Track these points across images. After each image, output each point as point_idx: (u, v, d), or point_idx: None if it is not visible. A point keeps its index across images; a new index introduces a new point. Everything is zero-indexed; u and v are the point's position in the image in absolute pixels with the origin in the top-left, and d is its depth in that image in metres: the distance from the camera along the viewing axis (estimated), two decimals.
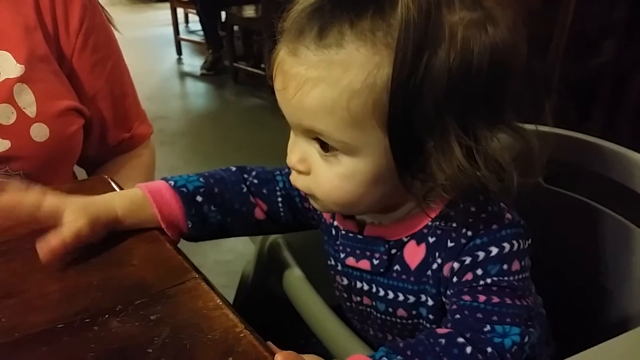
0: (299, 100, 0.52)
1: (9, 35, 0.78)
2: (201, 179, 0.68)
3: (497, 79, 0.51)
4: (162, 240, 0.62)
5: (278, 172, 0.73)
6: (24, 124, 0.78)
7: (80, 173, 0.99)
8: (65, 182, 0.89)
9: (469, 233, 0.56)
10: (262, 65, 3.53)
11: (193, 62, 4.14)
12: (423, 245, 0.59)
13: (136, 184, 0.90)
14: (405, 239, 0.60)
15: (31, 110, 0.78)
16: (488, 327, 0.52)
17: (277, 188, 0.71)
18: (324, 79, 0.50)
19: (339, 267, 0.67)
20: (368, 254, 0.62)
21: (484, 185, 0.51)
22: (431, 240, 0.59)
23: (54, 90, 0.82)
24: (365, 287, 0.64)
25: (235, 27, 3.85)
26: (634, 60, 2.18)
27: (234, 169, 0.72)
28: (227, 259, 1.94)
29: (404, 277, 0.61)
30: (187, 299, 0.52)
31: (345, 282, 0.67)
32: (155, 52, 4.50)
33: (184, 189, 0.66)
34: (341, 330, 0.64)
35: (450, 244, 0.57)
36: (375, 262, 0.62)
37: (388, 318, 0.64)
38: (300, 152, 0.56)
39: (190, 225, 0.65)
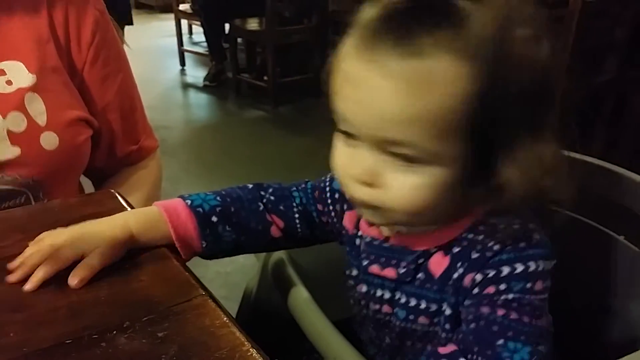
0: (382, 112, 0.51)
1: (22, 46, 0.80)
2: (218, 198, 0.68)
3: (552, 92, 0.54)
4: (170, 257, 0.62)
5: (295, 189, 0.73)
6: (34, 131, 0.79)
7: (87, 184, 0.99)
8: (72, 192, 0.90)
9: (496, 247, 0.56)
10: (265, 78, 3.54)
11: (196, 74, 4.15)
12: (448, 256, 0.60)
13: (142, 195, 0.91)
14: (433, 250, 0.61)
15: (42, 119, 0.80)
16: (501, 342, 0.53)
17: (294, 204, 0.72)
18: (408, 89, 0.50)
19: (360, 276, 0.67)
20: (394, 262, 0.63)
21: (542, 196, 0.54)
22: (455, 250, 0.59)
23: (64, 100, 0.84)
24: (387, 295, 0.64)
25: (239, 39, 3.87)
26: (636, 78, 2.20)
27: (250, 186, 0.73)
28: (227, 271, 1.94)
29: (427, 285, 0.61)
30: (194, 317, 0.53)
31: (365, 289, 0.67)
32: (159, 63, 4.52)
33: (200, 209, 0.66)
34: (348, 351, 0.64)
35: (474, 255, 0.57)
36: (402, 270, 0.62)
37: (408, 326, 0.64)
38: (365, 163, 0.55)
39: (204, 245, 0.66)
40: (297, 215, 0.71)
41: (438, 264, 0.61)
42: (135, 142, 0.95)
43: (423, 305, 0.62)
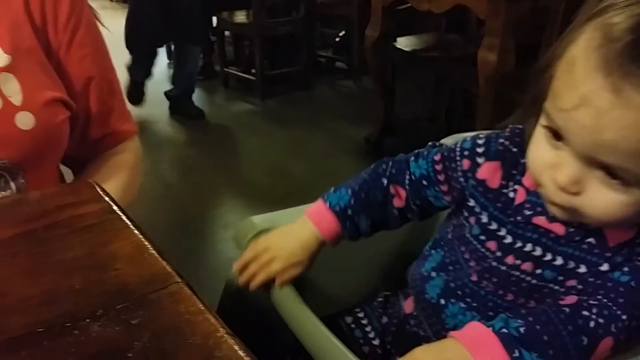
0: (615, 142, 0.50)
1: None
2: (349, 192, 0.75)
3: None
4: (146, 245, 0.62)
5: (413, 158, 0.75)
6: (9, 111, 0.78)
7: (69, 174, 0.99)
8: (52, 177, 0.89)
9: None
10: (253, 71, 3.53)
11: None
12: (633, 228, 0.58)
13: (118, 183, 0.91)
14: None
15: (17, 99, 0.79)
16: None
17: (408, 173, 0.74)
18: None
19: (508, 225, 0.65)
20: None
21: None
22: None
23: (40, 81, 0.83)
24: (538, 252, 0.62)
25: (227, 32, 3.85)
26: None
27: (372, 166, 0.77)
28: (216, 264, 1.93)
29: (596, 251, 0.60)
30: (169, 304, 0.52)
31: (509, 240, 0.64)
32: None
33: (337, 207, 0.75)
34: (333, 345, 0.63)
35: None
36: (572, 229, 0.60)
37: (551, 286, 0.62)
38: (575, 173, 0.54)
39: (347, 234, 0.75)
40: (408, 185, 0.74)
41: (617, 232, 0.59)
42: (111, 126, 0.95)
43: (581, 270, 0.60)
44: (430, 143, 0.78)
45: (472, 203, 0.69)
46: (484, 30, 2.03)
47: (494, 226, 0.67)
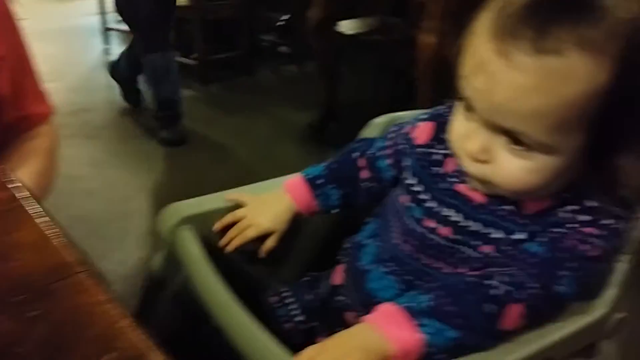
0: (508, 105, 0.52)
1: None
2: (324, 164, 0.81)
3: None
4: (52, 234, 0.58)
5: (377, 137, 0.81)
6: None
7: None
8: None
9: (611, 202, 0.58)
10: (192, 56, 3.44)
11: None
12: (548, 199, 0.60)
13: (33, 168, 0.86)
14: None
15: None
16: (566, 272, 0.56)
17: (372, 147, 0.80)
18: (541, 88, 0.50)
19: (434, 190, 0.67)
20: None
21: None
22: (564, 195, 0.59)
23: None
24: (457, 218, 0.64)
25: None
26: None
27: (348, 147, 0.82)
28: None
29: (511, 217, 0.61)
30: (70, 294, 0.49)
31: (430, 204, 0.67)
32: (82, 43, 4.32)
33: (311, 176, 0.80)
34: (256, 331, 0.61)
35: (588, 204, 0.58)
36: (491, 198, 0.62)
37: (468, 250, 0.63)
38: (482, 141, 0.57)
39: (318, 203, 0.79)
40: (367, 157, 0.79)
41: (533, 202, 0.61)
42: (25, 109, 0.89)
43: (499, 235, 0.62)
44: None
45: (405, 163, 0.73)
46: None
47: (419, 188, 0.69)
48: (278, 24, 3.99)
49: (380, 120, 0.92)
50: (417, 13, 2.72)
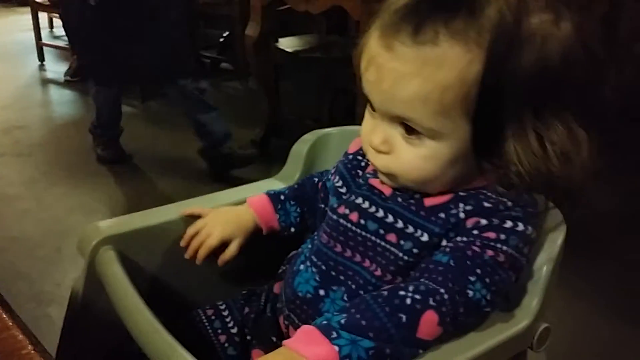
0: (394, 92, 0.58)
1: None
2: (287, 185, 0.86)
3: (569, 72, 0.58)
4: None
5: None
6: None
7: None
8: None
9: (509, 204, 0.62)
10: None
11: (57, 69, 3.87)
12: (449, 195, 0.64)
13: None
14: (434, 192, 0.65)
15: None
16: (473, 278, 0.58)
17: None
18: (419, 74, 0.56)
19: (351, 184, 0.73)
20: (394, 185, 0.67)
21: (549, 172, 0.58)
22: (462, 194, 0.64)
23: None
24: (365, 205, 0.69)
25: None
26: None
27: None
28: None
29: (413, 208, 0.65)
30: None
31: (346, 195, 0.72)
32: (16, 59, 4.18)
33: (272, 192, 0.83)
34: (172, 347, 0.59)
35: (486, 204, 0.62)
36: (398, 192, 0.67)
37: (373, 238, 0.67)
38: (383, 134, 0.62)
39: (279, 218, 0.81)
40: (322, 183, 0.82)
41: (433, 199, 0.65)
42: None
43: (399, 225, 0.65)
44: None
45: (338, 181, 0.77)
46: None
47: (340, 185, 0.75)
48: (220, 40, 3.97)
49: (309, 137, 0.92)
50: (355, 30, 2.76)
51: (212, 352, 0.77)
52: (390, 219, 0.66)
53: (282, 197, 0.82)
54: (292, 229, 0.83)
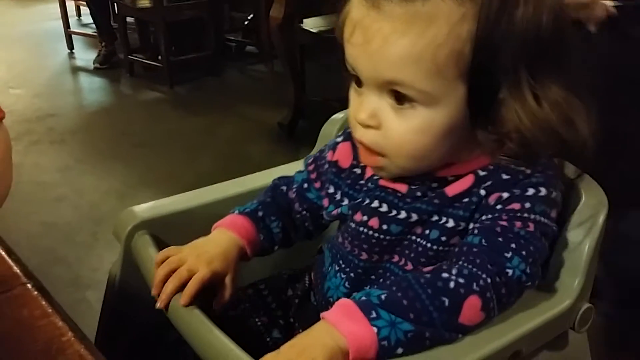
0: (383, 53, 0.54)
1: None
2: (255, 200, 0.75)
3: (559, 35, 0.56)
4: None
5: (298, 170, 0.79)
6: None
7: None
8: None
9: (528, 171, 0.60)
10: (159, 57, 3.39)
11: (86, 57, 3.91)
12: (470, 178, 0.61)
13: None
14: (450, 178, 0.62)
15: None
16: (509, 254, 0.56)
17: (295, 182, 0.77)
18: (411, 31, 0.53)
19: (351, 191, 0.69)
20: (408, 180, 0.64)
21: (552, 131, 0.56)
22: (481, 173, 0.61)
23: None
24: (383, 209, 0.65)
25: (130, 19, 3.69)
26: None
27: (271, 184, 0.78)
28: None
29: (436, 201, 0.62)
30: (11, 309, 0.47)
31: (359, 200, 0.68)
32: (46, 48, 4.24)
33: (248, 210, 0.73)
34: (214, 336, 0.59)
35: (505, 177, 0.60)
36: (414, 187, 0.63)
37: (398, 238, 0.64)
38: (370, 107, 0.58)
39: (262, 238, 0.72)
40: (295, 192, 0.76)
41: (455, 187, 0.62)
42: None
43: (424, 218, 0.62)
44: None
45: (330, 190, 0.72)
46: None
47: (345, 201, 0.70)
48: (244, 23, 3.96)
49: (339, 117, 0.91)
50: None
51: (255, 333, 0.75)
52: (414, 217, 0.63)
53: (260, 214, 0.72)
54: (276, 247, 0.75)
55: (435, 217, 0.62)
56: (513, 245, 0.57)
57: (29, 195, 2.20)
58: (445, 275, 0.55)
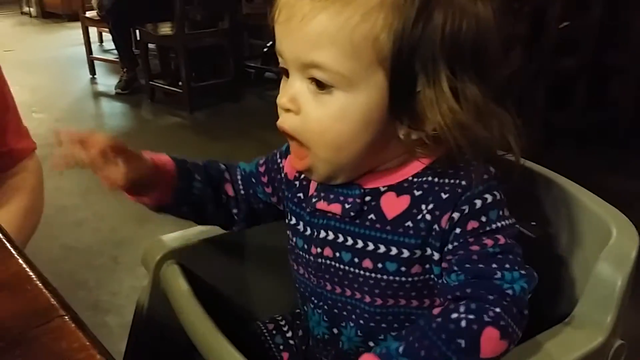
0: (302, 29, 0.55)
1: None
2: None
3: (481, 42, 0.56)
4: (28, 275, 0.56)
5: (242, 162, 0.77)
6: None
7: None
8: None
9: (464, 183, 0.58)
10: (179, 83, 3.44)
11: (108, 82, 3.98)
12: (406, 198, 0.60)
13: (18, 205, 0.84)
14: (382, 189, 0.61)
15: None
16: (498, 274, 0.55)
17: (239, 170, 0.75)
18: (329, 7, 0.54)
19: (305, 217, 0.67)
20: (342, 198, 0.63)
21: (469, 134, 0.55)
22: (417, 193, 0.60)
23: None
24: (330, 237, 0.64)
25: (151, 45, 3.75)
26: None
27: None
28: (144, 285, 1.85)
29: (377, 225, 0.61)
30: (50, 341, 0.47)
31: (308, 232, 0.67)
32: (68, 73, 4.32)
33: (177, 157, 0.71)
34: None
35: (444, 196, 0.58)
36: (347, 205, 0.62)
37: (352, 269, 0.63)
38: (291, 91, 0.59)
39: (179, 186, 0.69)
40: (239, 177, 0.74)
41: (392, 205, 0.61)
42: (7, 144, 0.88)
43: (370, 247, 0.62)
44: None
45: (282, 203, 0.72)
46: None
47: (294, 221, 0.69)
48: (263, 50, 4.01)
49: None
50: None
51: None
52: (359, 244, 0.62)
53: (187, 165, 0.71)
54: (183, 208, 0.71)
55: (383, 249, 0.61)
56: (495, 265, 0.55)
57: (50, 218, 2.22)
58: (454, 315, 0.53)
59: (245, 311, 0.86)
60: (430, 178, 0.60)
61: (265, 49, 3.99)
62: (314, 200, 0.66)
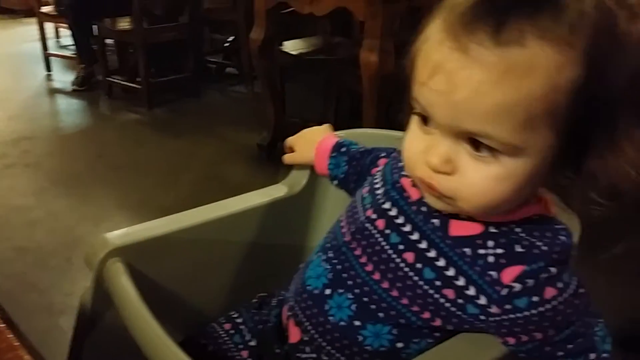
0: (470, 104, 0.49)
1: None
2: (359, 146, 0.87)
3: None
4: None
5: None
6: None
7: None
8: None
9: (545, 248, 0.55)
10: (138, 79, 3.38)
11: (64, 78, 3.89)
12: (478, 226, 0.58)
13: None
14: (463, 217, 0.59)
15: None
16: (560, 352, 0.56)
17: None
18: (505, 82, 0.47)
19: (388, 185, 0.67)
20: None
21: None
22: (492, 229, 0.57)
23: None
24: (393, 212, 0.64)
25: (109, 41, 3.68)
26: None
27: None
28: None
29: (439, 233, 0.59)
30: None
31: (379, 198, 0.67)
32: (23, 69, 4.20)
33: (340, 140, 0.88)
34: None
35: (519, 249, 0.55)
36: (423, 198, 0.60)
37: (390, 252, 0.62)
38: (444, 152, 0.53)
39: (329, 164, 0.86)
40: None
41: (459, 225, 0.59)
42: None
43: (422, 246, 0.60)
44: None
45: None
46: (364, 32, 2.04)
47: (379, 182, 0.70)
48: (225, 45, 3.97)
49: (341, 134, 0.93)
50: (360, 32, 2.75)
51: None
52: (415, 236, 0.61)
53: (342, 150, 0.85)
54: (336, 182, 0.86)
55: (433, 253, 0.59)
56: (559, 336, 0.55)
57: (2, 219, 2.17)
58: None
59: (199, 310, 0.85)
60: (518, 229, 0.57)
61: (226, 44, 3.95)
62: (403, 174, 0.66)
